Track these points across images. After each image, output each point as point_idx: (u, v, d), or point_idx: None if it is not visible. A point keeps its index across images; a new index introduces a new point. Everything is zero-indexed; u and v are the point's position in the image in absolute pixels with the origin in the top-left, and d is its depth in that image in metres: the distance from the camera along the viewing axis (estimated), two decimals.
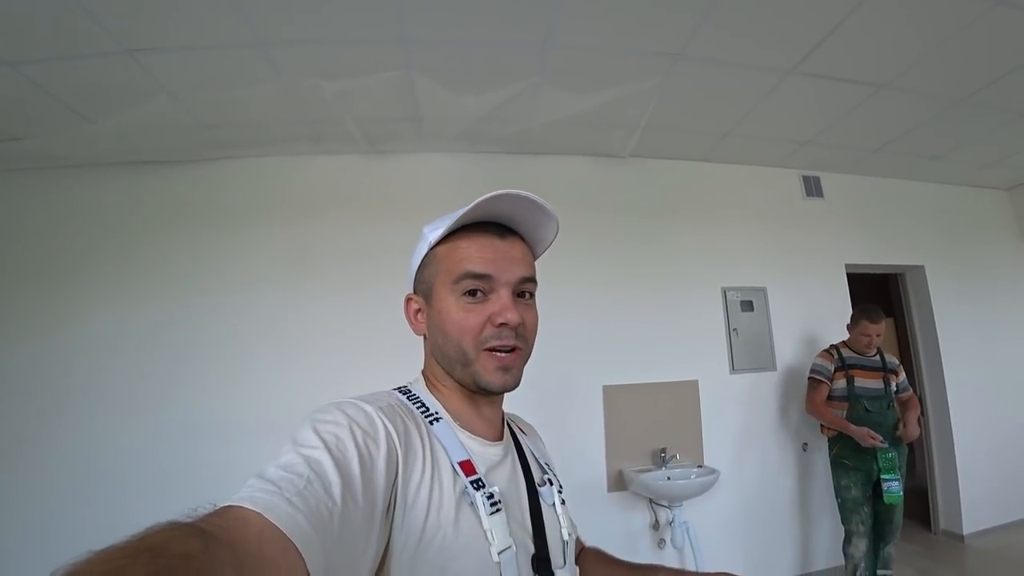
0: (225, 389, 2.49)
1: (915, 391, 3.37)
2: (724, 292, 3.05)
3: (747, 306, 3.07)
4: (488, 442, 0.67)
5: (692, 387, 2.87)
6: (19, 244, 2.53)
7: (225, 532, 0.36)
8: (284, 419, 2.38)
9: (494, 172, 2.90)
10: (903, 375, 2.62)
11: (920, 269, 3.57)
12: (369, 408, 0.57)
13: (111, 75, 1.98)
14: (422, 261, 0.68)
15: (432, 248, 0.67)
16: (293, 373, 2.53)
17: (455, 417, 0.66)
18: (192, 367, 2.49)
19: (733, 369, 2.99)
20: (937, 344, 3.47)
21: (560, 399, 2.62)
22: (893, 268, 3.64)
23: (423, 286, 0.68)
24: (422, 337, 0.71)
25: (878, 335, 2.55)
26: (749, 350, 3.04)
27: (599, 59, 2.13)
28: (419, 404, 0.65)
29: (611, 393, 2.74)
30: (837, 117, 2.73)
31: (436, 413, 0.64)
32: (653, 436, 2.76)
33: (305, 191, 2.74)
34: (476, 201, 0.60)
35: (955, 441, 3.34)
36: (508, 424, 0.76)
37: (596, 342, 2.77)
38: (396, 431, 0.56)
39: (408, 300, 0.71)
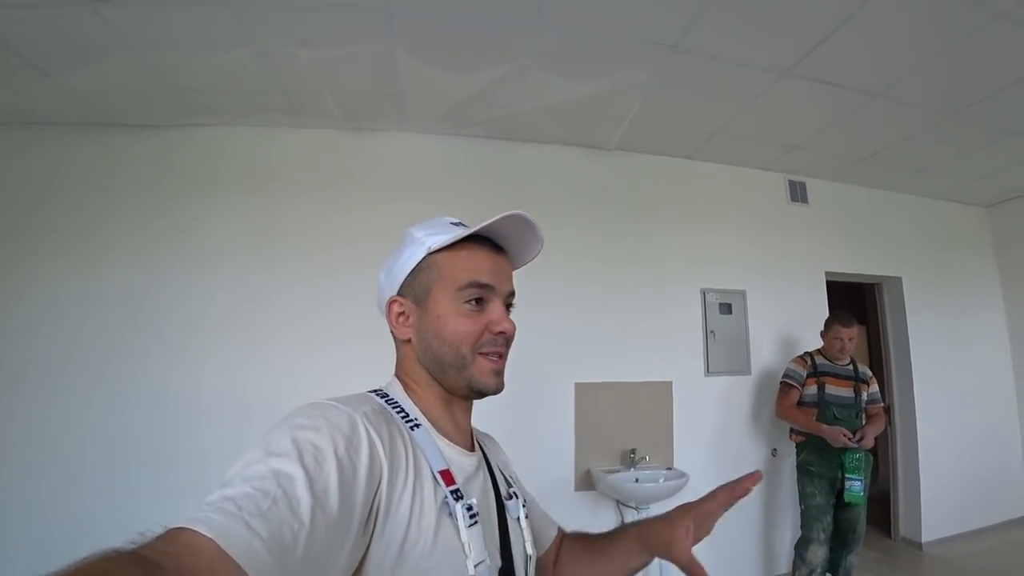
0: (194, 368, 2.37)
1: (884, 399, 3.43)
2: (703, 293, 3.02)
3: (725, 308, 3.05)
4: (465, 451, 0.67)
5: (666, 388, 2.85)
6: None
7: (173, 560, 0.34)
8: (252, 403, 2.30)
9: (477, 157, 2.81)
10: (875, 387, 2.64)
11: (897, 280, 3.59)
12: (353, 413, 0.55)
13: (69, 26, 1.82)
14: (416, 266, 0.67)
15: (430, 254, 0.66)
16: (264, 357, 2.43)
17: (433, 423, 0.65)
18: (160, 344, 2.36)
19: (708, 371, 2.97)
20: (908, 355, 3.51)
21: (531, 395, 2.57)
22: (871, 278, 3.65)
23: (416, 290, 0.67)
24: (402, 341, 0.69)
25: (850, 339, 2.59)
26: (725, 353, 3.02)
27: (590, 45, 2.05)
28: (398, 409, 0.64)
29: (583, 391, 2.70)
30: (828, 123, 2.70)
31: (416, 419, 0.64)
32: (624, 436, 2.72)
33: (281, 165, 2.61)
34: (494, 218, 0.63)
35: (919, 450, 3.40)
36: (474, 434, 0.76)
37: (570, 337, 2.71)
38: (381, 439, 0.55)
39: (392, 303, 0.68)
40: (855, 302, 3.99)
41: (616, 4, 1.81)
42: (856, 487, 2.38)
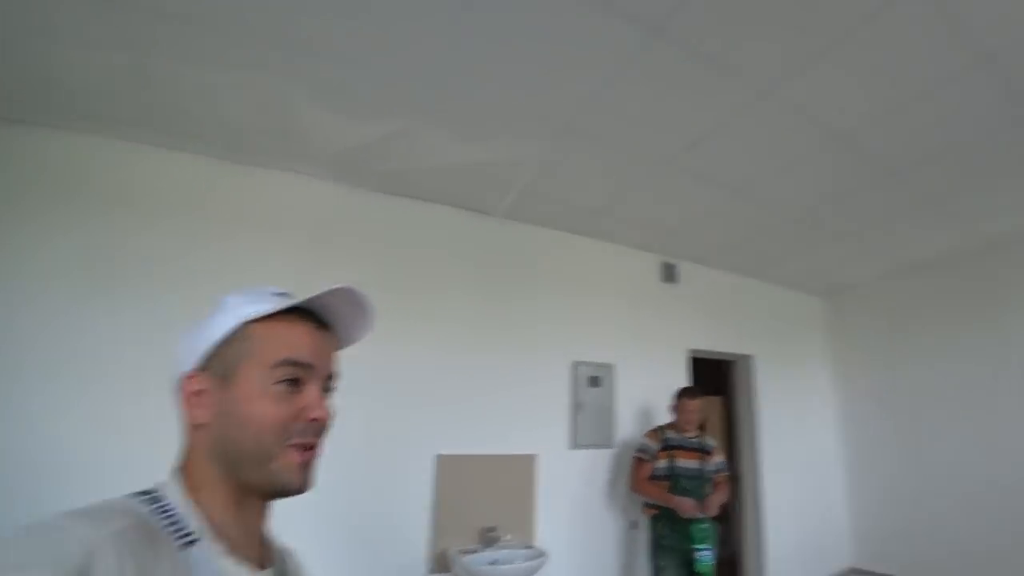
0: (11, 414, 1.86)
1: (735, 467, 3.69)
2: (575, 366, 3.08)
3: (594, 382, 3.13)
4: (253, 571, 0.56)
5: (530, 461, 2.82)
6: None
7: None
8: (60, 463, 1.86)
9: (359, 208, 2.68)
10: (720, 457, 2.83)
11: (750, 358, 3.96)
12: (93, 537, 0.43)
13: None
14: (226, 336, 0.57)
15: (245, 324, 0.58)
16: (76, 407, 1.95)
17: (217, 533, 0.54)
18: None
19: (574, 445, 2.99)
20: (756, 427, 3.84)
21: (385, 466, 2.38)
22: (729, 356, 3.99)
23: (222, 365, 0.57)
24: (194, 427, 0.57)
25: (695, 410, 2.78)
26: (592, 426, 3.07)
27: (487, 113, 2.08)
28: (170, 519, 0.51)
29: (445, 463, 2.57)
30: (701, 213, 2.96)
31: (192, 533, 0.52)
32: (484, 513, 2.62)
33: (139, 184, 2.25)
34: (322, 291, 0.58)
35: (766, 513, 3.67)
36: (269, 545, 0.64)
37: (435, 405, 2.59)
38: (129, 570, 0.43)
39: (190, 378, 0.57)
40: (720, 376, 4.33)
41: (514, 78, 1.86)
42: (706, 557, 2.47)
